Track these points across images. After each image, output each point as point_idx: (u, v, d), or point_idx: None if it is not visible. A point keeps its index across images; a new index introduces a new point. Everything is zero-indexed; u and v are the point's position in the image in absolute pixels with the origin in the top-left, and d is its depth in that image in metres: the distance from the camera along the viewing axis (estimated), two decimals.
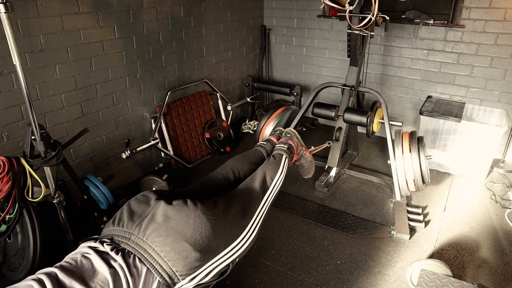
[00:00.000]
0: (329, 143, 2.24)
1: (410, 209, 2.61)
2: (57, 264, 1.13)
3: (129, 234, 1.26)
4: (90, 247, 1.21)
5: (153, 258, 1.22)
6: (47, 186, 1.90)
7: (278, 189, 1.71)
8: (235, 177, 1.76)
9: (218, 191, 1.70)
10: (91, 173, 2.62)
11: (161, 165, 3.29)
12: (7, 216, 1.86)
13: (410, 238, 2.35)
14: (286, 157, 1.85)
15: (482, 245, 2.31)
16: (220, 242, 1.35)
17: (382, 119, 2.91)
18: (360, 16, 2.53)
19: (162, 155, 3.26)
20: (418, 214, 2.56)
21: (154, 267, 1.21)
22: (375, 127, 2.94)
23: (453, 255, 2.22)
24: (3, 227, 1.89)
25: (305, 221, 2.54)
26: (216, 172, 1.77)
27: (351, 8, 2.42)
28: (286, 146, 1.94)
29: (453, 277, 1.81)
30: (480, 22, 3.06)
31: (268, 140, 2.08)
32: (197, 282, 1.30)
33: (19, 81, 1.65)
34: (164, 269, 1.22)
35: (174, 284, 1.25)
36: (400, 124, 2.82)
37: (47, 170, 1.88)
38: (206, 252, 1.29)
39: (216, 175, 1.75)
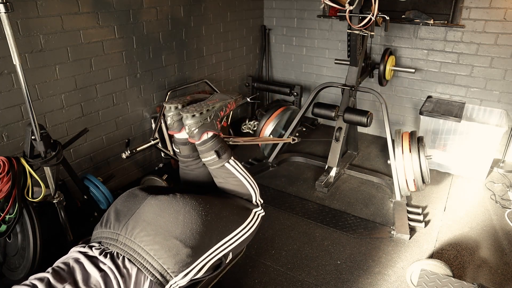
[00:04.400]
0: (293, 140, 2.07)
1: (410, 209, 2.61)
2: (49, 269, 1.15)
3: (117, 235, 1.26)
4: (80, 252, 1.22)
5: (143, 257, 1.21)
6: (47, 186, 1.90)
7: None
8: None
9: (211, 188, 1.70)
10: (91, 173, 2.62)
11: (161, 165, 3.29)
12: (7, 216, 1.86)
13: (410, 238, 2.35)
14: (229, 160, 1.52)
15: (482, 245, 2.31)
16: (212, 237, 1.33)
17: (394, 66, 3.28)
18: (360, 16, 2.53)
19: (162, 155, 3.25)
20: (418, 214, 2.56)
21: (145, 266, 1.21)
22: (387, 74, 3.21)
23: (453, 255, 2.22)
24: (3, 227, 1.89)
25: (305, 221, 2.54)
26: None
27: (351, 8, 2.41)
28: (214, 156, 1.48)
29: (453, 277, 1.81)
30: (480, 22, 3.06)
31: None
32: (190, 278, 1.29)
33: (19, 81, 1.65)
34: (155, 268, 1.22)
35: (167, 281, 1.24)
36: (413, 70, 3.14)
37: (47, 170, 1.88)
38: (198, 247, 1.28)
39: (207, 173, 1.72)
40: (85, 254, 1.21)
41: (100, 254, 1.20)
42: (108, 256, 1.20)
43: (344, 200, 2.79)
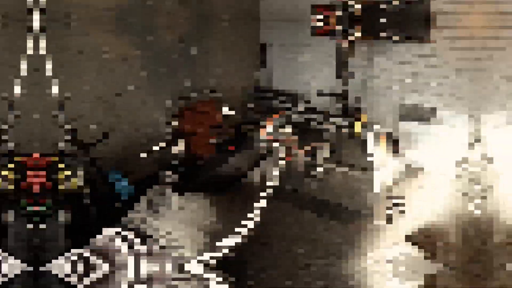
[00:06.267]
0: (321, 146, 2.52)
1: (388, 199, 2.87)
2: (87, 247, 1.40)
3: (146, 220, 1.50)
4: (116, 233, 1.45)
5: (168, 241, 1.45)
6: (77, 181, 2.17)
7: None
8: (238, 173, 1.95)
9: (226, 186, 1.91)
10: (114, 169, 2.80)
11: (175, 163, 3.48)
12: (43, 207, 2.08)
13: (388, 225, 2.62)
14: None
15: (450, 231, 2.58)
16: (226, 228, 1.57)
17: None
18: (346, 34, 2.82)
19: (176, 153, 3.46)
20: (396, 204, 2.83)
21: (168, 249, 1.45)
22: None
23: (426, 240, 2.47)
24: (40, 216, 2.11)
25: (298, 214, 2.75)
26: (223, 170, 1.93)
27: (339, 28, 2.69)
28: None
29: (426, 258, 2.07)
30: (450, 39, 3.37)
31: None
32: (206, 262, 1.50)
33: (53, 90, 1.96)
34: (177, 251, 1.44)
35: (188, 262, 1.44)
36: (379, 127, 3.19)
37: (78, 166, 2.15)
38: (214, 236, 1.50)
39: (223, 172, 1.95)
40: (117, 233, 1.42)
41: (132, 236, 1.44)
42: (140, 238, 1.43)
43: (331, 193, 3.03)
